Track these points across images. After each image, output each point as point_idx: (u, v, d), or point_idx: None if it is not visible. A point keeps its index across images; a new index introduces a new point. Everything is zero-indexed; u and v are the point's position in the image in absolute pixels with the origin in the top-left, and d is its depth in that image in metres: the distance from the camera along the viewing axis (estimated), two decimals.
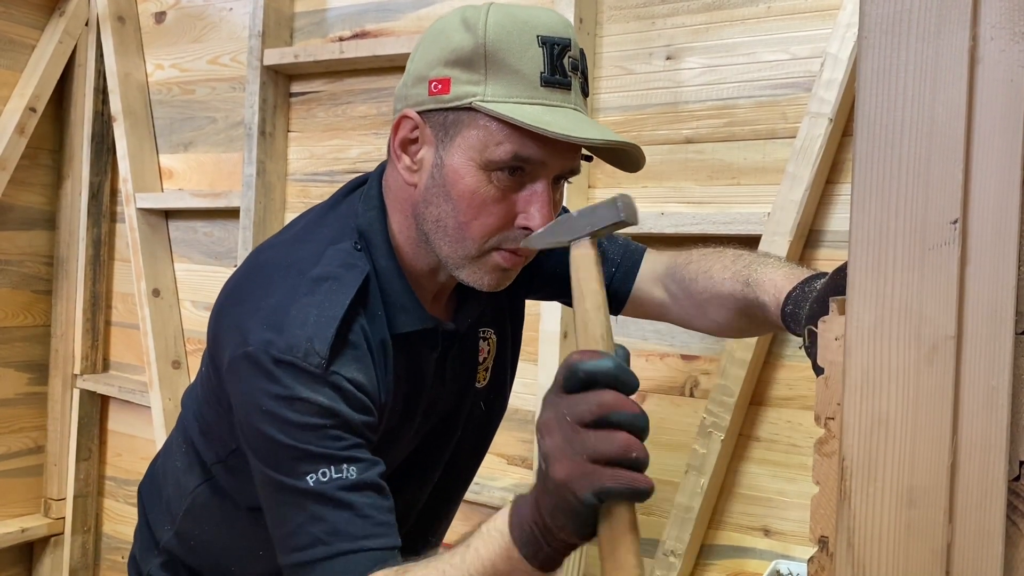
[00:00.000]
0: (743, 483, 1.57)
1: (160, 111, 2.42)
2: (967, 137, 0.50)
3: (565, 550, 0.70)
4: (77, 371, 2.49)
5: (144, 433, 2.42)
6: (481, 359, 1.11)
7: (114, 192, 2.51)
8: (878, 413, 0.52)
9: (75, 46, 2.46)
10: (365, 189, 1.01)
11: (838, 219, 1.47)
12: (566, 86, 0.88)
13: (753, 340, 1.47)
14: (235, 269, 1.04)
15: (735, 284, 0.98)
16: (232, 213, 2.20)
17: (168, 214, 2.39)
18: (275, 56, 2.04)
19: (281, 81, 2.11)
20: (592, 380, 0.66)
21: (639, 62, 1.66)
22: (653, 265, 1.11)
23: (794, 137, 1.46)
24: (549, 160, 0.87)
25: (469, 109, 0.86)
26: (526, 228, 0.88)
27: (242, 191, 2.09)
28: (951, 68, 0.50)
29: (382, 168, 1.01)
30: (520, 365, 1.24)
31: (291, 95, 2.14)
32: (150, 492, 1.21)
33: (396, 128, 0.92)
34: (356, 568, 0.82)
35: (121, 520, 2.53)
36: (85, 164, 2.46)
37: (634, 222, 0.75)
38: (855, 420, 0.53)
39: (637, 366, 1.64)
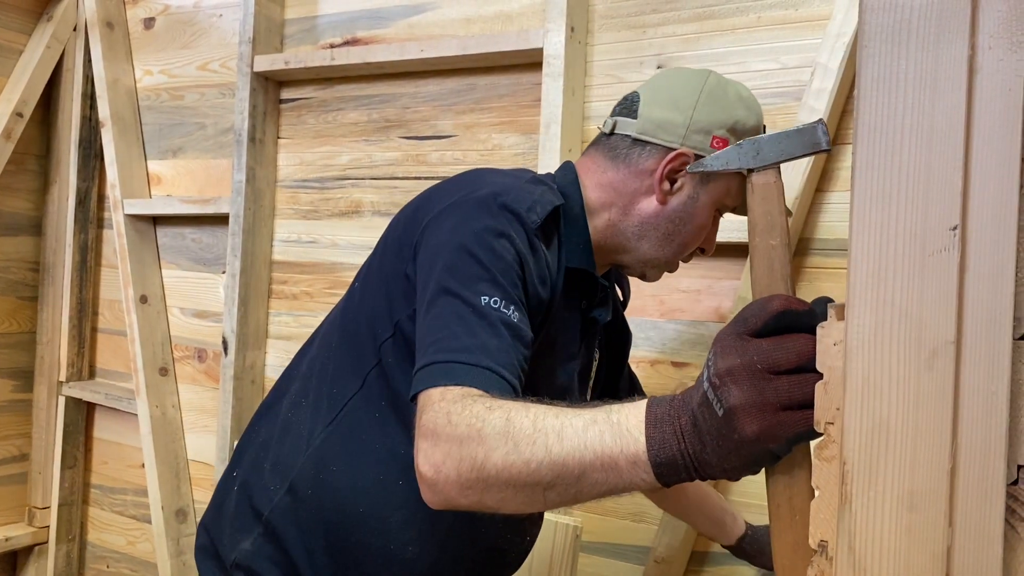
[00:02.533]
0: (734, 489, 1.57)
1: (149, 117, 2.41)
2: (966, 145, 0.50)
3: (705, 478, 0.71)
4: (63, 378, 2.47)
5: (130, 441, 2.41)
6: (589, 373, 1.23)
7: (101, 198, 2.50)
8: (878, 418, 0.53)
9: (63, 51, 2.45)
10: (559, 167, 1.17)
11: (828, 227, 1.49)
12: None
13: None
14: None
15: None
16: (221, 219, 2.19)
17: (156, 220, 2.38)
18: (265, 62, 2.04)
19: (271, 87, 2.11)
20: (793, 328, 0.66)
21: (630, 71, 1.67)
22: None
23: None
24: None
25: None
26: (701, 250, 1.15)
27: (231, 197, 2.08)
28: (950, 77, 0.51)
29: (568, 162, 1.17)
30: None
31: (281, 101, 2.14)
32: (250, 469, 1.15)
33: (672, 158, 1.07)
34: (486, 383, 0.84)
35: (106, 528, 2.51)
36: (72, 169, 2.44)
37: (828, 148, 0.78)
38: (855, 425, 0.53)
39: None
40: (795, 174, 1.43)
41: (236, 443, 1.21)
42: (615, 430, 0.72)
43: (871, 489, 0.53)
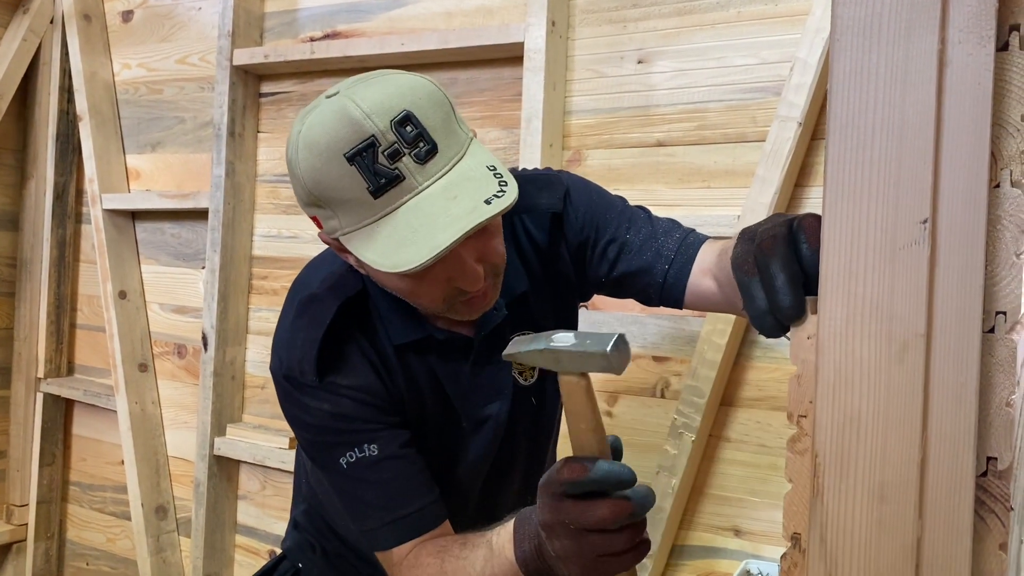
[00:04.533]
0: (714, 483, 1.58)
1: (127, 111, 2.39)
2: (936, 139, 0.51)
3: None
4: (41, 374, 2.44)
5: (110, 437, 2.39)
6: None
7: (79, 192, 2.48)
8: (850, 410, 0.53)
9: (40, 44, 2.42)
10: None
11: None
12: (398, 179, 0.86)
13: (723, 342, 1.49)
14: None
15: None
16: (200, 214, 2.18)
17: (135, 215, 2.36)
18: (245, 56, 2.02)
19: (251, 81, 2.10)
20: (589, 493, 0.75)
21: (611, 65, 1.67)
22: (706, 256, 1.08)
23: (764, 141, 1.48)
24: (426, 267, 0.86)
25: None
26: (464, 291, 0.94)
27: (211, 192, 2.07)
28: (920, 71, 0.51)
29: None
30: None
31: (261, 95, 2.13)
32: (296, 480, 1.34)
33: (326, 242, 0.98)
34: (403, 533, 0.99)
35: (85, 526, 2.49)
36: (50, 164, 2.42)
37: (619, 372, 0.75)
38: (827, 417, 0.53)
39: None
40: (775, 169, 1.44)
41: None
42: (497, 560, 0.89)
43: (843, 481, 0.53)
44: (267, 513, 2.12)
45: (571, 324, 1.21)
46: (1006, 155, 0.51)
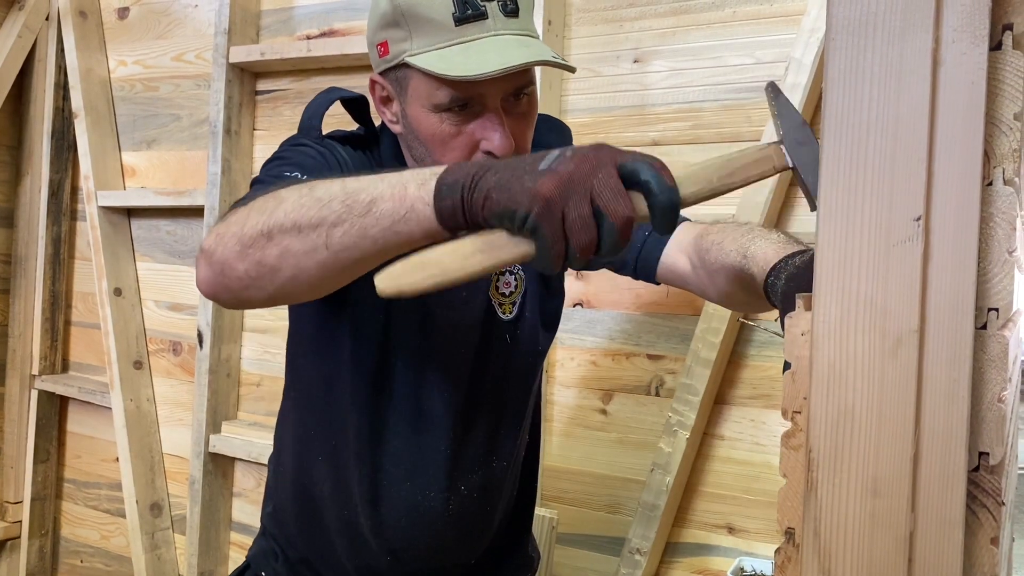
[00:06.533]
0: (708, 481, 1.58)
1: (123, 108, 2.38)
2: (930, 137, 0.51)
3: (463, 218, 0.69)
4: (35, 371, 2.44)
5: (104, 435, 2.39)
6: (507, 292, 1.16)
7: (75, 190, 2.47)
8: (844, 405, 0.53)
9: (35, 41, 2.42)
10: None
11: (801, 221, 1.50)
12: (481, 15, 0.94)
13: (717, 340, 1.49)
14: None
15: (736, 256, 1.00)
16: (196, 211, 2.18)
17: (131, 212, 2.36)
18: (241, 53, 2.02)
19: (247, 79, 2.10)
20: (645, 189, 0.67)
21: (607, 65, 1.67)
22: (683, 236, 1.14)
23: (759, 140, 1.49)
24: (486, 91, 0.95)
25: (407, 65, 0.96)
26: (489, 152, 0.96)
27: (206, 189, 2.07)
28: (915, 70, 0.51)
29: None
30: None
31: (257, 93, 2.13)
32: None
33: (372, 91, 1.05)
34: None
35: (80, 523, 2.48)
36: (45, 161, 2.41)
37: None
38: (821, 412, 0.54)
39: (604, 365, 1.65)
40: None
41: None
42: (416, 173, 0.73)
43: (836, 476, 0.53)
44: None
45: (558, 278, 1.25)
46: (999, 153, 0.52)
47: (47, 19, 2.41)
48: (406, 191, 0.71)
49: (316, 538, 1.18)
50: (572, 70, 1.00)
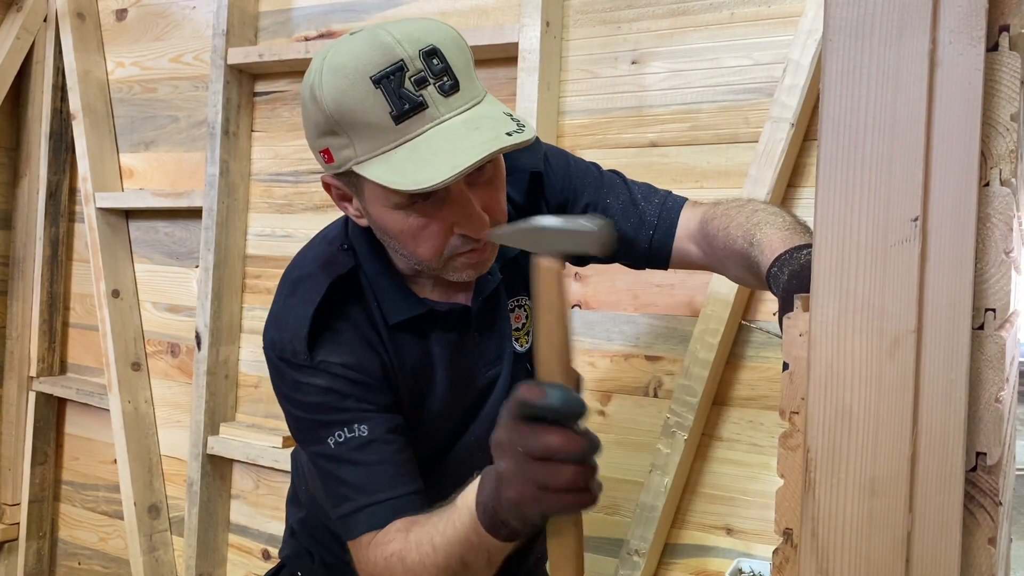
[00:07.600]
0: (706, 482, 1.59)
1: (121, 109, 2.38)
2: (927, 138, 0.51)
3: (521, 534, 0.80)
4: (33, 373, 2.44)
5: (103, 436, 2.38)
6: (519, 325, 1.16)
7: (73, 191, 2.47)
8: (841, 406, 0.53)
9: (33, 43, 2.42)
10: None
11: (806, 204, 1.50)
12: (420, 106, 0.87)
13: (715, 341, 1.49)
14: None
15: (743, 242, 0.99)
16: (194, 213, 2.18)
17: (129, 214, 2.36)
18: (239, 55, 2.02)
19: (245, 80, 2.10)
20: (540, 417, 0.72)
21: (605, 66, 1.67)
22: (687, 223, 1.13)
23: (756, 141, 1.49)
24: (446, 186, 0.87)
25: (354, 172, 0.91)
26: (466, 236, 0.93)
27: (205, 191, 2.07)
28: (912, 71, 0.52)
29: None
30: None
31: (255, 94, 2.13)
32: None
33: (328, 191, 1.01)
34: (379, 519, 0.95)
35: (77, 525, 2.48)
36: (43, 162, 2.41)
37: (607, 255, 0.75)
38: (819, 413, 0.54)
39: (602, 366, 1.65)
40: (767, 169, 1.45)
41: None
42: (460, 512, 0.84)
43: (834, 476, 0.53)
44: (260, 512, 2.12)
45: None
46: (996, 154, 0.52)
47: (45, 20, 2.42)
48: (469, 539, 0.84)
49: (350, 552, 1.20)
50: (530, 143, 0.89)
